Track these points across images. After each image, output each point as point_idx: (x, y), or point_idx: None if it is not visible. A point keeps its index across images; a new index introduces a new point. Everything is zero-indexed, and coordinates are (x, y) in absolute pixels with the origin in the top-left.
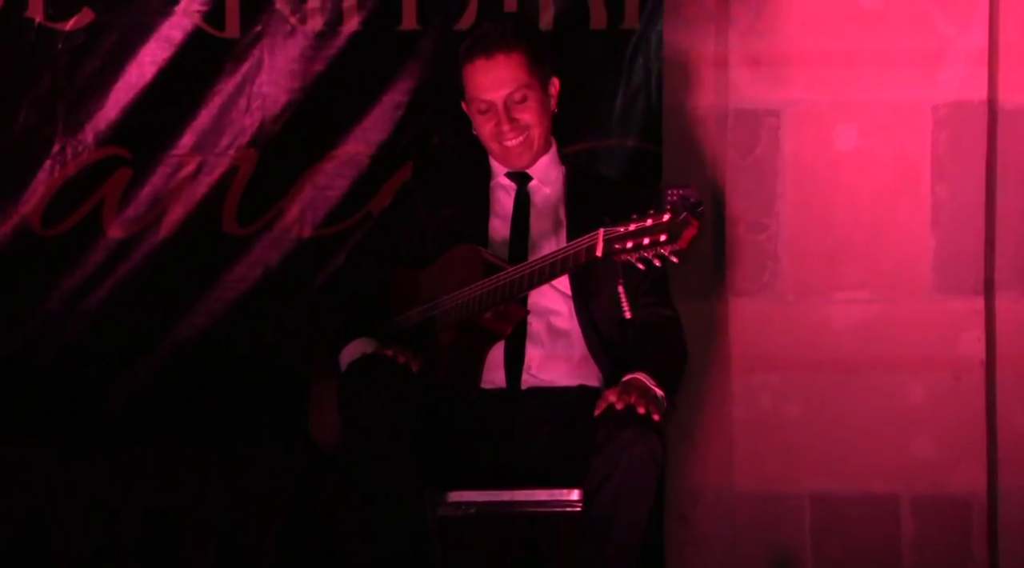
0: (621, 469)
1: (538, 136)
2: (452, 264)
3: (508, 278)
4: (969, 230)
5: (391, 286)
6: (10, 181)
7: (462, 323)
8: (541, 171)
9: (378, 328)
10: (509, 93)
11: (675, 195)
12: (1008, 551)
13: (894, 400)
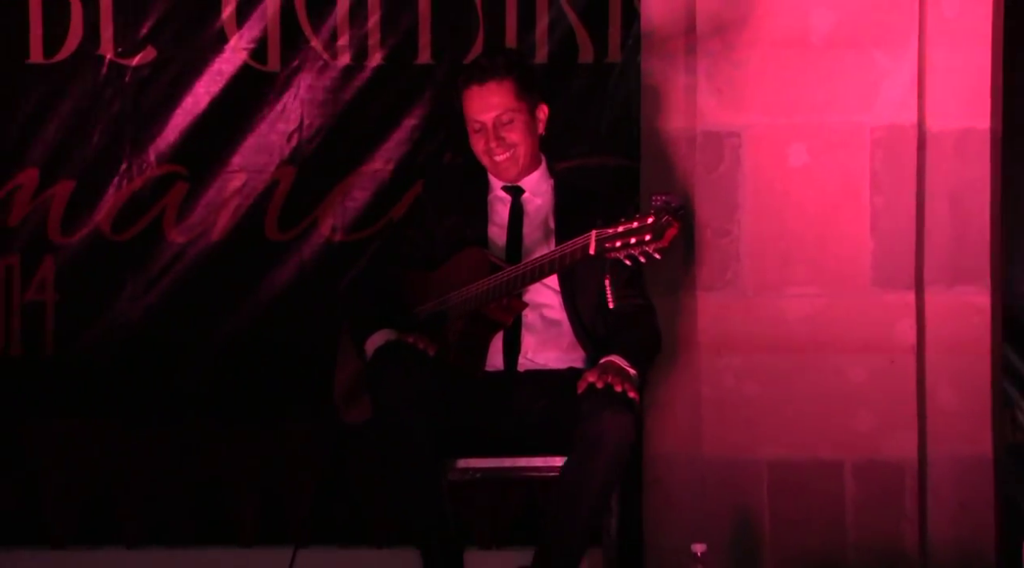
0: (599, 440)
1: (523, 154)
2: (461, 265)
3: (511, 275)
4: (902, 235)
5: (407, 284)
6: (86, 194)
7: (471, 314)
8: (532, 184)
9: (397, 319)
10: (498, 115)
11: (659, 200)
12: (935, 508)
13: (838, 380)
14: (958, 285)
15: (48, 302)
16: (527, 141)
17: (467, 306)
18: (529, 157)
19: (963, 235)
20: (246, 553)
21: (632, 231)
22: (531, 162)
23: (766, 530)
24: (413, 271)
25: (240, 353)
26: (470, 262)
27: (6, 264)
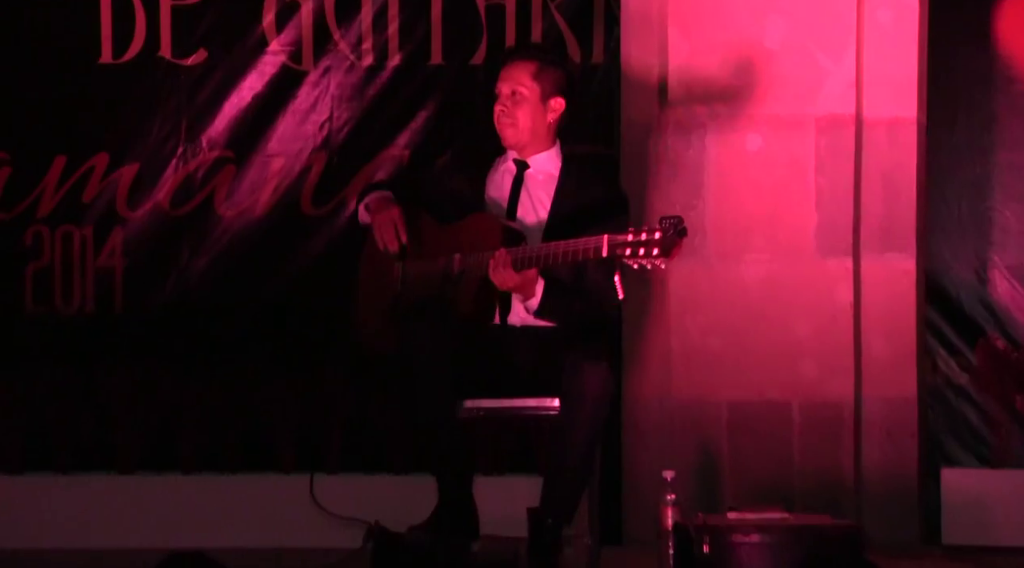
0: (581, 395)
1: (526, 130)
2: (476, 227)
3: (528, 253)
4: (842, 210)
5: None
6: (148, 175)
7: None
8: (539, 162)
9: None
10: (512, 88)
11: (667, 221)
12: (868, 440)
13: (787, 334)
14: (888, 253)
15: (117, 267)
16: (531, 121)
17: (484, 270)
18: (531, 135)
19: (893, 210)
20: (284, 478)
21: (641, 243)
22: (536, 141)
23: (725, 460)
24: (425, 216)
25: (280, 311)
26: (484, 225)
27: (81, 234)
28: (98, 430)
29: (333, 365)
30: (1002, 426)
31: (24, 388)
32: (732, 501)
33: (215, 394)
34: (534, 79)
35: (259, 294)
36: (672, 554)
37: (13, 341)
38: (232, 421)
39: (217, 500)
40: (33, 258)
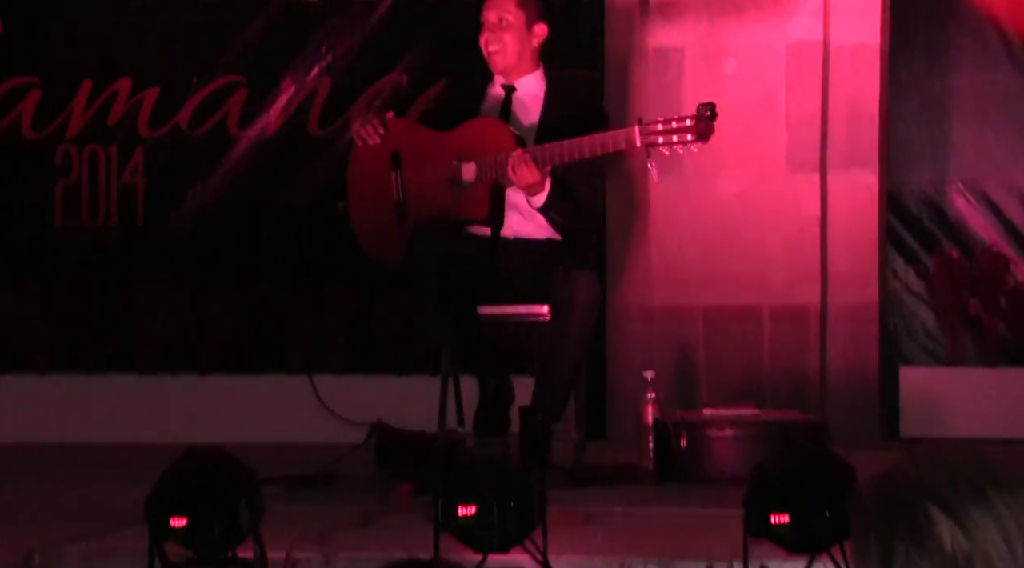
0: (570, 302)
1: (512, 55)
2: (481, 131)
3: (552, 149)
4: (810, 129)
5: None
6: (169, 98)
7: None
8: (524, 85)
9: None
10: (498, 15)
11: (702, 107)
12: (833, 342)
13: (759, 245)
14: (852, 169)
15: (139, 184)
16: (518, 46)
17: (499, 171)
18: (517, 59)
19: (857, 129)
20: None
21: (675, 130)
22: (522, 65)
23: (701, 362)
24: (419, 127)
25: (289, 224)
26: (490, 129)
27: (106, 153)
28: (121, 334)
29: (338, 273)
30: (955, 328)
31: (53, 295)
32: (707, 399)
33: (229, 301)
34: (519, 7)
35: (269, 208)
36: (652, 448)
37: (43, 252)
38: (244, 326)
39: (231, 399)
40: (62, 175)
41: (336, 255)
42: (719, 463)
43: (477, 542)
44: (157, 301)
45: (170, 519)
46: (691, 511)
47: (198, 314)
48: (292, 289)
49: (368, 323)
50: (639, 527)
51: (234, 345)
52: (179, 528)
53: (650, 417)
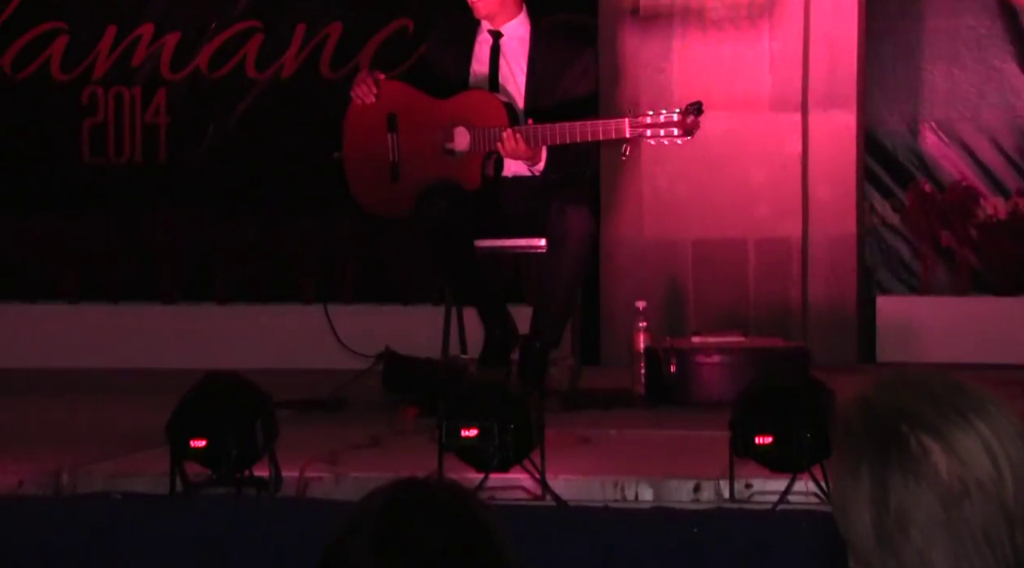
0: (565, 236)
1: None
2: (473, 101)
3: (545, 130)
4: (792, 72)
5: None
6: (189, 42)
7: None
8: (509, 30)
9: None
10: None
11: (689, 107)
12: (814, 274)
13: (744, 181)
14: (832, 109)
15: (161, 124)
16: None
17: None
18: (500, 5)
19: (836, 71)
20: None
21: (662, 124)
22: (505, 10)
23: (690, 292)
24: (417, 92)
25: (302, 161)
26: (485, 103)
27: (130, 94)
28: (144, 265)
29: (347, 208)
30: (928, 259)
31: (80, 228)
32: (696, 326)
33: (245, 234)
34: None
35: (284, 147)
36: (643, 373)
37: (71, 187)
38: (260, 258)
39: (247, 327)
40: (89, 115)
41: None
42: (707, 388)
43: (479, 462)
44: (178, 234)
45: (190, 440)
46: (680, 433)
47: (217, 247)
48: (305, 222)
49: (376, 255)
50: (632, 448)
51: (250, 275)
52: (198, 449)
53: (641, 344)
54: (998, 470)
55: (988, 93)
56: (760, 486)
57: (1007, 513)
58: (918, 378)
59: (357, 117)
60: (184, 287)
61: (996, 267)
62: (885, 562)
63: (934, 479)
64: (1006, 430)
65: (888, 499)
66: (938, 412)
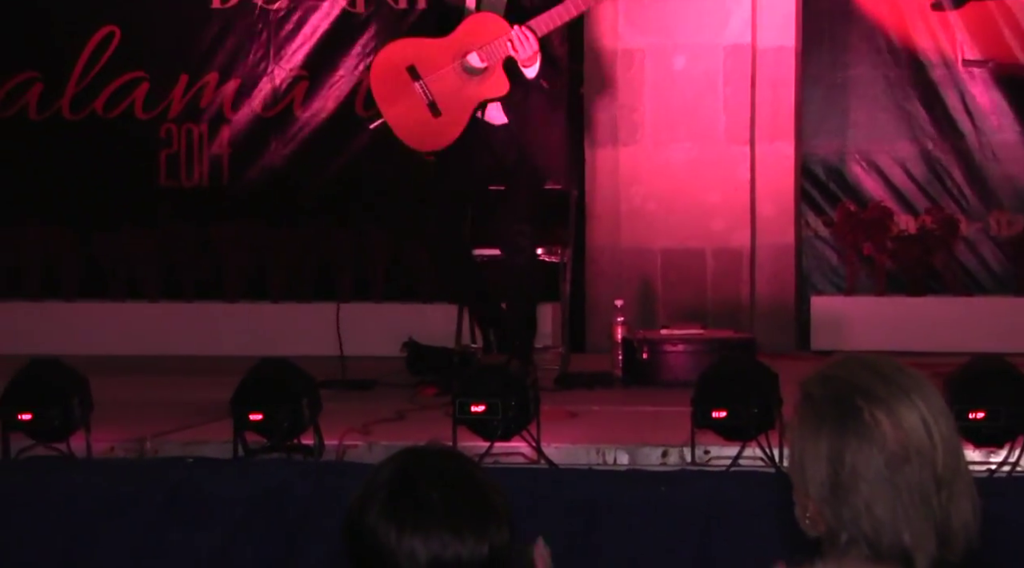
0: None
1: None
2: (474, 23)
3: (539, 21)
4: (742, 111)
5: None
6: (246, 89)
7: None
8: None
9: None
10: None
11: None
12: (760, 277)
13: (703, 200)
14: (775, 142)
15: (224, 154)
16: None
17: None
18: None
19: (778, 111)
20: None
21: None
22: None
23: (659, 291)
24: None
25: (339, 184)
26: (488, 20)
27: (198, 130)
28: (211, 270)
29: (376, 221)
30: (853, 265)
31: (158, 239)
32: (664, 321)
33: (294, 244)
34: None
35: (324, 172)
36: (621, 359)
37: (151, 205)
38: (306, 264)
39: (295, 321)
40: (165, 146)
41: (374, 206)
42: (673, 371)
43: (486, 432)
44: (238, 244)
45: (249, 414)
46: (651, 408)
47: (270, 255)
48: (342, 234)
49: (400, 261)
50: (611, 421)
51: (298, 278)
52: (256, 421)
53: (619, 335)
54: (932, 441)
55: (900, 129)
56: (716, 452)
57: (937, 477)
58: (870, 361)
59: (381, 84)
60: (244, 288)
61: (908, 272)
62: (836, 509)
63: (882, 444)
64: (939, 408)
65: (843, 458)
66: (887, 390)
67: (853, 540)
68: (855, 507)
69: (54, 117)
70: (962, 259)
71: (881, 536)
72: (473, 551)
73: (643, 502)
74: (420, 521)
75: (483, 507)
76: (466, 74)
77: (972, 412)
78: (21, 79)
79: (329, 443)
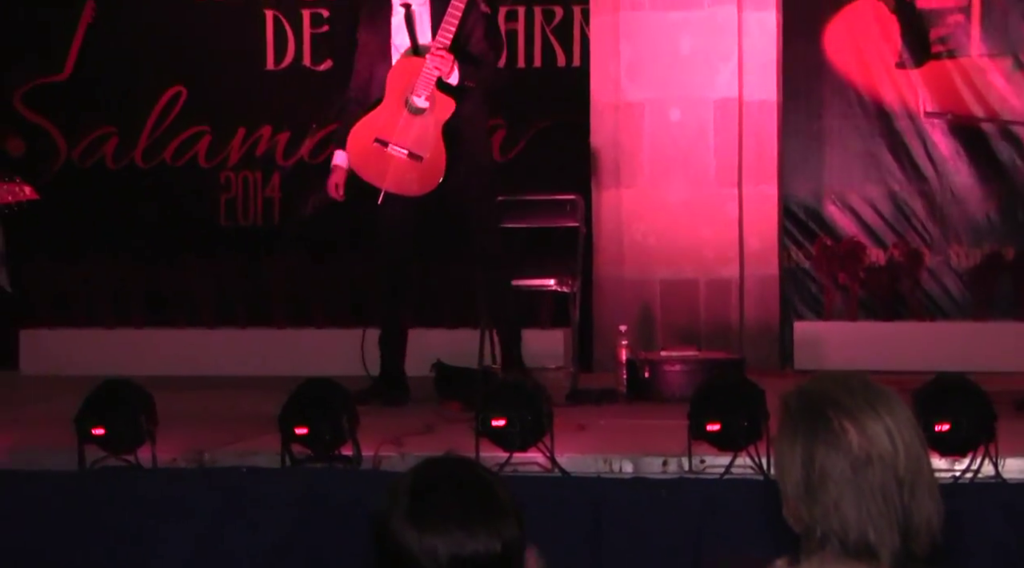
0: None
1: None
2: (401, 70)
3: (440, 36)
4: (731, 157)
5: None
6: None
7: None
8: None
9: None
10: None
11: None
12: (748, 303)
13: (696, 235)
14: (760, 184)
15: (276, 196)
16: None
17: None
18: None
19: (762, 156)
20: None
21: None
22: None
23: (658, 317)
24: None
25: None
26: (407, 64)
27: (254, 177)
28: (262, 299)
29: None
30: (830, 293)
31: (217, 272)
32: (663, 343)
33: (334, 276)
34: None
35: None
36: (625, 378)
37: (211, 243)
38: (346, 293)
39: (336, 344)
40: (225, 191)
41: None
42: (671, 388)
43: (505, 443)
44: (285, 276)
45: (295, 428)
46: (652, 422)
47: (314, 286)
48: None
49: (429, 291)
50: (617, 433)
51: (341, 306)
52: (302, 434)
53: (623, 356)
54: (895, 447)
55: (870, 173)
56: (711, 461)
57: (899, 479)
58: (842, 377)
59: (364, 168)
60: (290, 315)
61: (878, 299)
62: (809, 507)
63: (847, 450)
64: (902, 418)
65: (814, 462)
66: (855, 402)
67: (825, 536)
68: (825, 505)
69: (128, 166)
70: (926, 287)
71: (848, 532)
72: (487, 546)
73: (646, 506)
74: (438, 523)
75: (493, 506)
76: (417, 115)
77: (938, 424)
78: (100, 133)
79: (366, 454)
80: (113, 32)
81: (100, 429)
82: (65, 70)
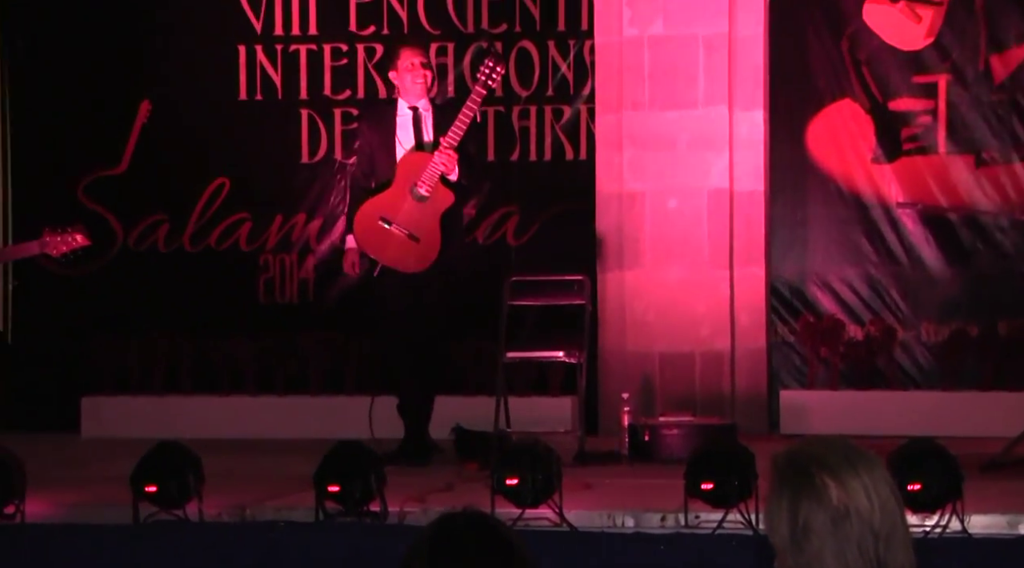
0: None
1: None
2: (406, 164)
3: (449, 134)
4: (722, 241)
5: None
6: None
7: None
8: (421, 106)
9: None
10: (423, 60)
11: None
12: (739, 374)
13: (692, 311)
14: (749, 266)
15: (310, 277)
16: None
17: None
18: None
19: (751, 241)
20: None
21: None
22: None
23: (657, 385)
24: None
25: None
26: (412, 158)
27: (290, 259)
28: (300, 369)
29: None
30: (813, 365)
31: (257, 345)
32: (662, 409)
33: (363, 348)
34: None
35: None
36: (627, 440)
37: (252, 318)
38: (376, 364)
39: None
40: (264, 272)
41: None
42: (670, 450)
43: (518, 500)
44: (320, 349)
45: (328, 486)
46: (652, 481)
47: (346, 357)
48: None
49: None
50: (620, 491)
51: (374, 376)
52: (334, 492)
53: (626, 420)
54: (871, 503)
55: (848, 257)
56: (705, 517)
57: (875, 532)
58: (825, 440)
59: (367, 244)
60: (324, 384)
61: (856, 371)
62: (796, 558)
63: (828, 504)
64: (879, 476)
65: (798, 515)
66: (836, 461)
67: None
68: (809, 555)
69: (178, 249)
70: (900, 360)
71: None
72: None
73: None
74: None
75: (509, 556)
76: (420, 202)
77: (910, 484)
78: (152, 221)
79: (392, 509)
80: (165, 130)
81: (153, 487)
82: (122, 164)
